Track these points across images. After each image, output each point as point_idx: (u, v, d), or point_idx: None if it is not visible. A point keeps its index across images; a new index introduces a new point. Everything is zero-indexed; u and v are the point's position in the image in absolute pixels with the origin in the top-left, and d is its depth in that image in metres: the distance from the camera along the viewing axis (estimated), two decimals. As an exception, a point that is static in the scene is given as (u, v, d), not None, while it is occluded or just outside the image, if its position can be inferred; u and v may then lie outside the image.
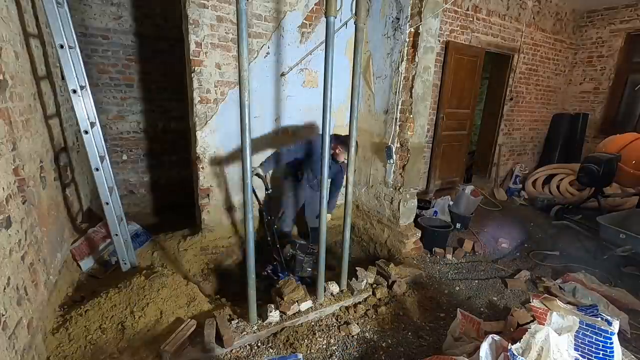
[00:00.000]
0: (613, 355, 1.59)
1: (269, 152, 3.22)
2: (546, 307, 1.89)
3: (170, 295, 2.30)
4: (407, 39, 3.02)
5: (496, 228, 4.03)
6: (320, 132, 2.77)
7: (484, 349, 1.64)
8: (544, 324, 1.75)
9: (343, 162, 2.97)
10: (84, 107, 2.22)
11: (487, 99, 5.55)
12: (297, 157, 3.00)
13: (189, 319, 2.14)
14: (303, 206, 3.37)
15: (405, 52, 3.06)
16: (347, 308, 2.53)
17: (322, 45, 3.30)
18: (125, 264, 2.63)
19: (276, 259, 2.90)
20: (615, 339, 1.61)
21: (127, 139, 4.31)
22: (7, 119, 1.73)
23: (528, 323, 2.12)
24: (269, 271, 2.88)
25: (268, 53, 3.19)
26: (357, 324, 2.37)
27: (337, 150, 2.93)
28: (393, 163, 3.33)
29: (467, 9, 4.22)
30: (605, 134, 5.37)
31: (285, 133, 3.49)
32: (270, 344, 2.15)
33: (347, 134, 2.36)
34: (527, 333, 1.66)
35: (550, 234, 4.03)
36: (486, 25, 4.48)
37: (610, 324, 1.65)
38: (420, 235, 3.41)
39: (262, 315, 2.26)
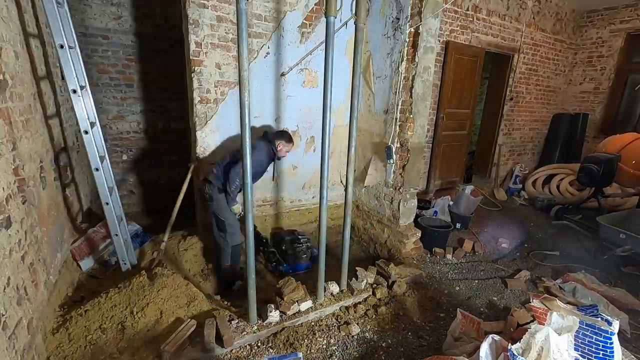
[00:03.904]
0: (613, 355, 1.59)
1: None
2: (546, 307, 1.89)
3: (170, 295, 2.30)
4: (407, 39, 3.02)
5: (496, 228, 4.03)
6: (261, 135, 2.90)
7: (484, 349, 1.64)
8: (544, 324, 1.75)
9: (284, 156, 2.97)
10: (84, 107, 2.22)
11: (487, 99, 5.55)
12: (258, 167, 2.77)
13: (189, 319, 2.14)
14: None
15: (405, 52, 3.06)
16: (347, 308, 2.53)
17: (322, 45, 3.30)
18: (125, 264, 2.63)
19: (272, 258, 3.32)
20: (615, 339, 1.61)
21: (127, 139, 4.31)
22: (7, 119, 1.73)
23: (528, 323, 2.12)
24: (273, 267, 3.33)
25: (268, 53, 3.19)
26: (357, 324, 2.36)
27: (280, 147, 2.85)
28: (393, 163, 3.33)
29: (467, 9, 4.22)
30: (605, 134, 5.37)
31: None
32: (270, 344, 2.15)
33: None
34: (527, 333, 1.66)
35: (550, 234, 4.03)
36: (486, 25, 4.48)
37: (610, 324, 1.65)
38: (420, 235, 3.40)
39: (262, 315, 2.26)
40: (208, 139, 3.08)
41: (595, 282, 2.88)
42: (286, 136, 2.92)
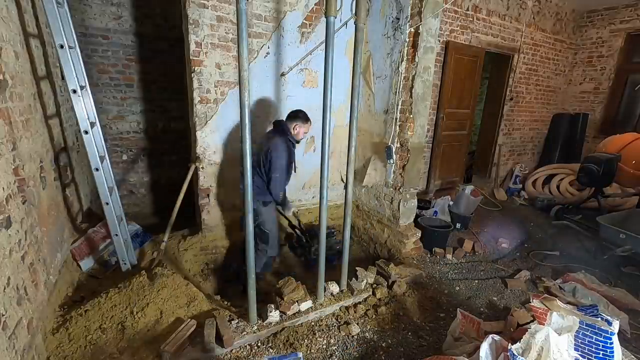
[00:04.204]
0: (613, 355, 1.59)
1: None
2: (546, 307, 1.89)
3: (170, 295, 2.30)
4: (407, 39, 3.02)
5: (496, 228, 4.03)
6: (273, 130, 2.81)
7: (484, 349, 1.64)
8: (544, 324, 1.75)
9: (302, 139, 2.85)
10: (84, 107, 2.22)
11: (487, 99, 5.55)
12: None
13: (189, 319, 2.14)
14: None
15: (405, 52, 3.06)
16: (347, 308, 2.53)
17: (322, 45, 3.30)
18: (125, 264, 2.63)
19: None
20: (615, 339, 1.61)
21: (127, 139, 4.31)
22: (7, 119, 1.73)
23: (528, 323, 2.12)
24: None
25: (268, 53, 3.19)
26: (357, 324, 2.37)
27: (297, 129, 2.72)
28: (393, 163, 3.33)
29: (467, 9, 4.22)
30: (605, 134, 5.37)
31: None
32: (270, 344, 2.15)
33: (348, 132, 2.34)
34: (527, 333, 1.67)
35: (550, 234, 4.03)
36: (486, 25, 4.48)
37: (610, 324, 1.65)
38: (420, 235, 3.40)
39: (262, 315, 2.26)
40: (208, 139, 3.08)
41: (595, 282, 2.88)
42: (301, 116, 2.72)
